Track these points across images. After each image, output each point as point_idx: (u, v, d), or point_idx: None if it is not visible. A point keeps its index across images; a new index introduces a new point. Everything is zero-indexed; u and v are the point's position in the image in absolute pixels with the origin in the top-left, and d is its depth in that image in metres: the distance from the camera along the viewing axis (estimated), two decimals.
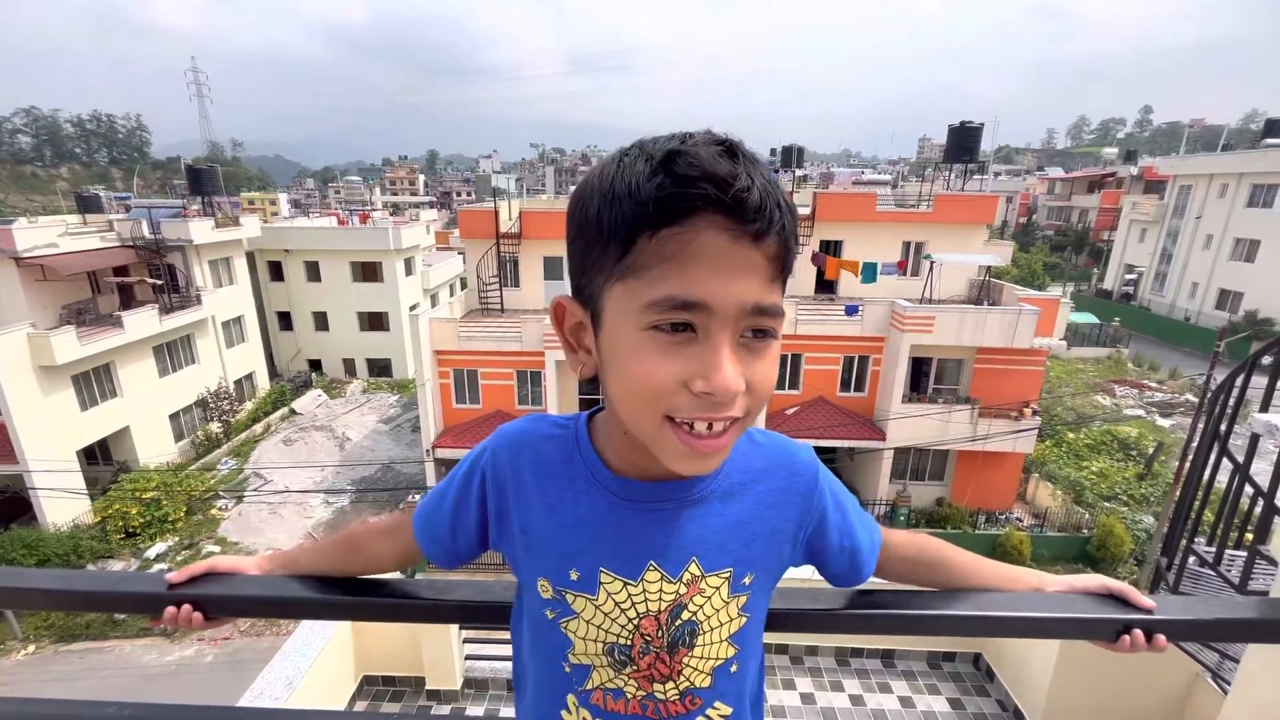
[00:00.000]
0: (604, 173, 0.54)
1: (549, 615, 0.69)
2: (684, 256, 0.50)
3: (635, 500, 0.66)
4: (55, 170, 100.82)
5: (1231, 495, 2.73)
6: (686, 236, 0.50)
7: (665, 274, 0.50)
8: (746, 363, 0.54)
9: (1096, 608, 0.77)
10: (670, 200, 0.49)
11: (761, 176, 0.51)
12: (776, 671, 3.96)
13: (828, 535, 0.74)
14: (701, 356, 0.52)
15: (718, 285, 0.50)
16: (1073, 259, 45.14)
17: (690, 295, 0.50)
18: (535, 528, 0.69)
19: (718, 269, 0.50)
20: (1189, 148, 49.10)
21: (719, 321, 0.51)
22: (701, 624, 0.67)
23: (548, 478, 0.69)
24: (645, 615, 0.66)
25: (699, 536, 0.67)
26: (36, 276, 16.20)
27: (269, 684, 3.00)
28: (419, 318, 14.44)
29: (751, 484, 0.70)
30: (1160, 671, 3.07)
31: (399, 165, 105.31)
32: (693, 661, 0.68)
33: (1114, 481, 16.93)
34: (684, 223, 0.50)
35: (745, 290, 0.51)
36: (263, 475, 18.29)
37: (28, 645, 12.29)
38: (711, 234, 0.50)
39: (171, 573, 0.83)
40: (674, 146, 0.51)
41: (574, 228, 0.57)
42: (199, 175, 23.42)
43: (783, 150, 29.92)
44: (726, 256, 0.50)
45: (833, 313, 15.17)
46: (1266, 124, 36.77)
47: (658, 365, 0.53)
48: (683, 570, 0.66)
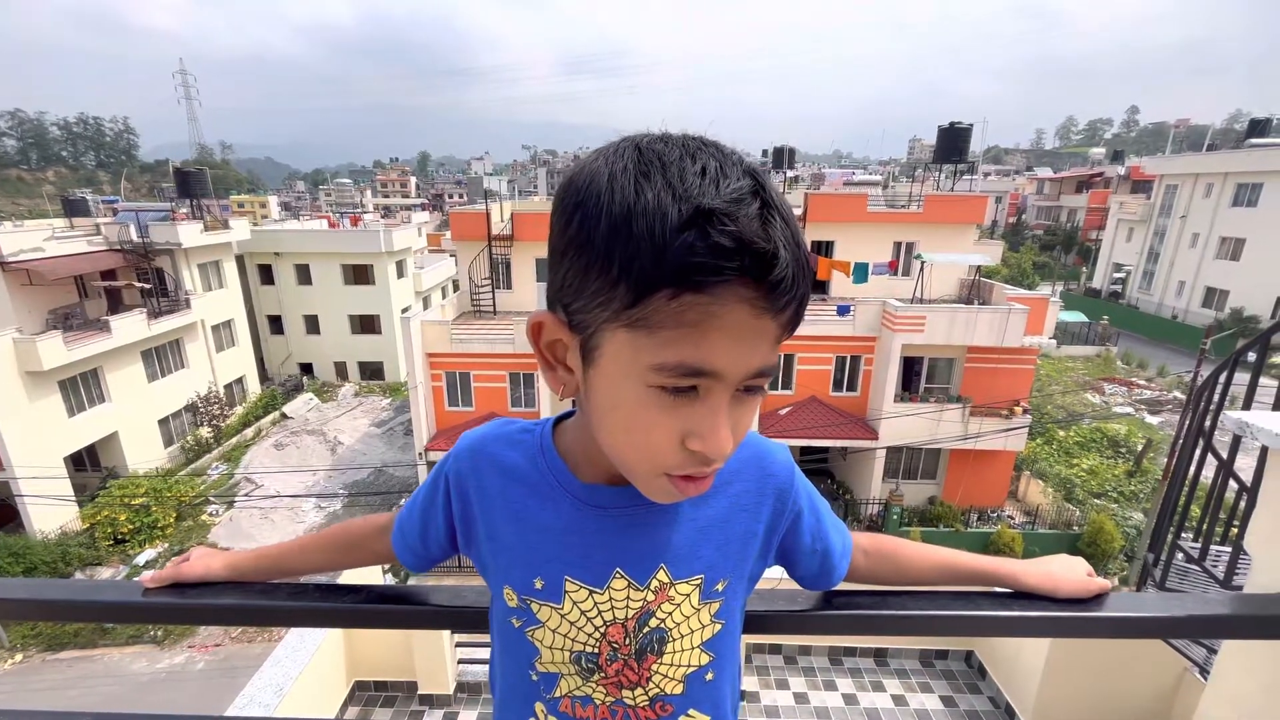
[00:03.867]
0: (615, 192, 0.47)
1: (515, 624, 0.68)
2: (705, 326, 0.47)
3: (602, 507, 0.65)
4: (41, 174, 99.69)
5: (1216, 491, 2.76)
6: (710, 308, 0.46)
7: (680, 339, 0.47)
8: (735, 418, 0.53)
9: (1075, 607, 0.78)
10: (700, 269, 0.44)
11: (791, 240, 0.47)
12: (770, 671, 3.97)
13: (800, 536, 0.74)
14: (698, 417, 0.51)
15: (734, 355, 0.49)
16: (1062, 258, 45.53)
17: (705, 365, 0.48)
18: (500, 535, 0.68)
19: (736, 340, 0.48)
20: (1175, 147, 49.73)
21: (723, 386, 0.50)
22: (670, 631, 0.66)
23: (512, 484, 0.67)
24: (612, 623, 0.65)
25: (667, 543, 0.65)
26: (22, 281, 16.00)
27: (259, 691, 2.98)
28: (410, 320, 14.36)
29: (724, 486, 0.68)
30: (1149, 667, 3.10)
31: (390, 167, 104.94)
32: (662, 669, 0.67)
33: (1104, 478, 17.07)
34: (709, 291, 0.45)
35: (753, 360, 0.50)
36: (254, 480, 18.15)
37: (15, 654, 12.13)
38: (736, 306, 0.46)
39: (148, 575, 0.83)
40: (709, 201, 0.45)
41: (569, 241, 0.50)
42: (187, 178, 23.23)
43: (774, 151, 30.04)
44: (746, 328, 0.48)
45: (825, 313, 15.22)
46: (1250, 124, 37.35)
47: (658, 421, 0.51)
48: (650, 578, 0.65)
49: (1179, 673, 3.07)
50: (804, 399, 15.40)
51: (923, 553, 0.84)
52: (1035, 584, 0.80)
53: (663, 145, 0.49)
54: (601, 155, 0.51)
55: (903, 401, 14.58)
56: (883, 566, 0.83)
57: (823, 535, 0.75)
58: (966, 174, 23.24)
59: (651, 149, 0.49)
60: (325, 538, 0.87)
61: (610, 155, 0.50)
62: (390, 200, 78.69)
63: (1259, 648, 1.51)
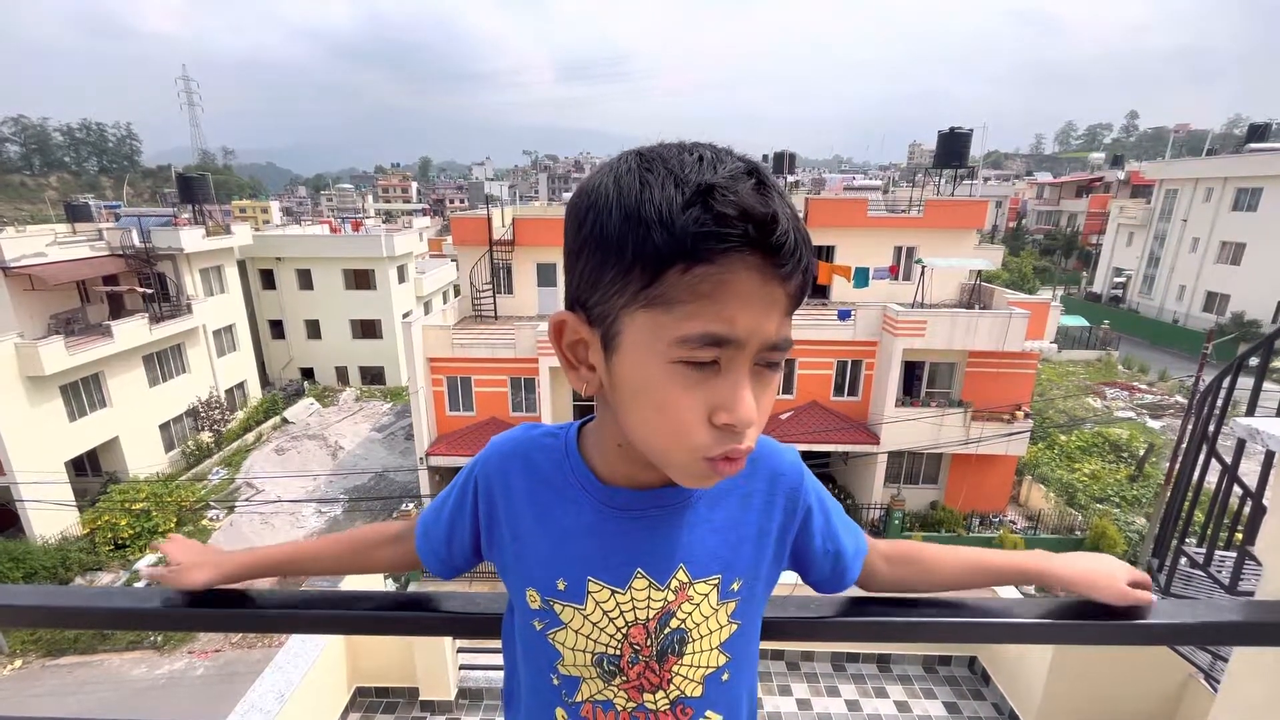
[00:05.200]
0: (624, 187, 0.52)
1: (537, 626, 0.69)
2: (718, 295, 0.50)
3: (622, 509, 0.67)
4: (44, 179, 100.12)
5: (1220, 496, 2.75)
6: (722, 276, 0.49)
7: (698, 311, 0.50)
8: (756, 394, 0.54)
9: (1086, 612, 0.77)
10: (708, 238, 0.48)
11: (789, 211, 0.51)
12: (772, 677, 3.96)
13: (811, 538, 0.74)
14: (723, 390, 0.53)
15: (750, 322, 0.51)
16: (1062, 262, 45.54)
17: (725, 333, 0.50)
18: (524, 537, 0.70)
19: (749, 307, 0.50)
20: (1174, 152, 49.84)
21: (744, 355, 0.52)
22: (690, 631, 0.67)
23: (539, 487, 0.70)
24: (634, 624, 0.66)
25: (685, 543, 0.67)
26: (24, 286, 16.04)
27: (259, 697, 2.96)
28: (411, 325, 14.37)
29: (737, 488, 0.70)
30: (1154, 673, 3.09)
31: (391, 173, 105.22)
32: (683, 670, 0.68)
33: (1106, 483, 17.03)
34: (719, 261, 0.49)
35: (770, 326, 0.52)
36: (254, 485, 18.13)
37: (15, 660, 12.11)
38: (746, 273, 0.50)
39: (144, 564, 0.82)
40: (709, 179, 0.49)
41: (584, 241, 0.55)
42: (190, 183, 23.34)
43: (774, 156, 30.10)
44: (758, 295, 0.51)
45: (825, 317, 15.23)
46: (1250, 129, 37.42)
47: (683, 399, 0.53)
48: (670, 577, 0.66)
49: (1183, 678, 3.06)
50: (805, 404, 15.39)
51: (949, 554, 0.81)
52: (1071, 583, 0.77)
53: (662, 148, 0.54)
54: (607, 165, 0.56)
55: (904, 406, 14.57)
56: (908, 573, 0.81)
57: (834, 536, 0.75)
58: (966, 179, 23.29)
59: (652, 152, 0.54)
60: (336, 541, 0.88)
61: (616, 163, 0.55)
62: (392, 205, 78.91)
63: (1270, 655, 1.50)
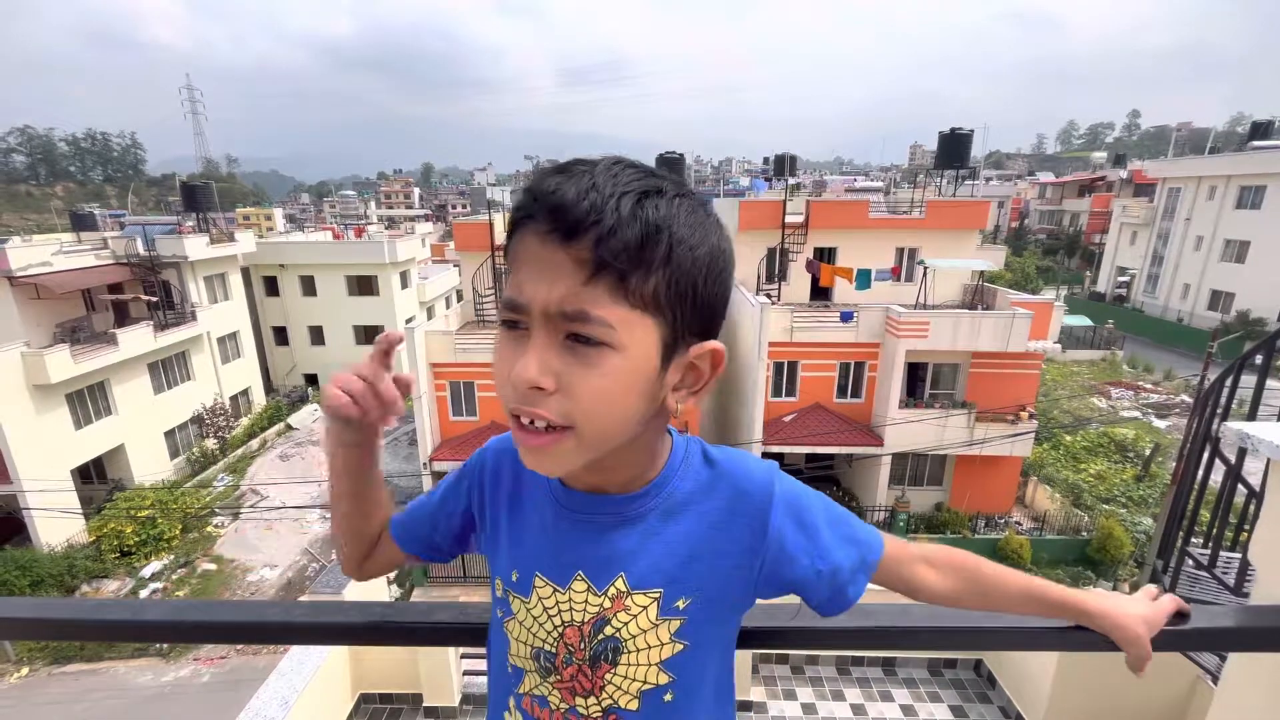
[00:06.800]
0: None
1: (499, 614, 0.74)
2: (515, 262, 0.57)
3: (574, 509, 0.69)
4: (50, 188, 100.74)
5: (1225, 496, 2.73)
6: (517, 247, 0.57)
7: (509, 279, 0.58)
8: (569, 366, 0.55)
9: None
10: (515, 213, 0.57)
11: (594, 187, 0.53)
12: (777, 681, 3.94)
13: (794, 560, 0.67)
14: (520, 350, 0.56)
15: (529, 286, 0.55)
16: (1065, 262, 45.40)
17: (512, 296, 0.56)
18: (501, 529, 0.75)
19: (530, 271, 0.55)
20: (1177, 151, 49.63)
21: (535, 321, 0.55)
22: (626, 642, 0.66)
23: (521, 484, 0.74)
24: (569, 624, 0.68)
25: (629, 552, 0.66)
26: (30, 295, 16.15)
27: (264, 704, 2.97)
28: (414, 330, 14.41)
29: (694, 503, 0.67)
30: (1161, 676, 3.07)
31: (394, 179, 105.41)
32: (616, 680, 0.67)
33: (1112, 483, 16.94)
34: (517, 233, 0.56)
35: (551, 292, 0.53)
36: (259, 491, 18.17)
37: (21, 668, 12.13)
38: (527, 238, 0.55)
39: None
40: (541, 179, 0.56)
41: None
42: (194, 191, 23.45)
43: (775, 159, 30.14)
44: (536, 259, 0.54)
45: (828, 319, 15.19)
46: (1252, 126, 37.28)
47: (499, 358, 0.59)
48: (609, 584, 0.66)
49: (1191, 680, 3.04)
50: (808, 405, 15.35)
51: (1008, 577, 0.75)
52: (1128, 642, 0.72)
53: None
54: None
55: (907, 408, 14.53)
56: (965, 590, 0.74)
57: (823, 554, 0.67)
58: (968, 179, 23.25)
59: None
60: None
61: None
62: (394, 211, 79.16)
63: (1265, 658, 1.49)
